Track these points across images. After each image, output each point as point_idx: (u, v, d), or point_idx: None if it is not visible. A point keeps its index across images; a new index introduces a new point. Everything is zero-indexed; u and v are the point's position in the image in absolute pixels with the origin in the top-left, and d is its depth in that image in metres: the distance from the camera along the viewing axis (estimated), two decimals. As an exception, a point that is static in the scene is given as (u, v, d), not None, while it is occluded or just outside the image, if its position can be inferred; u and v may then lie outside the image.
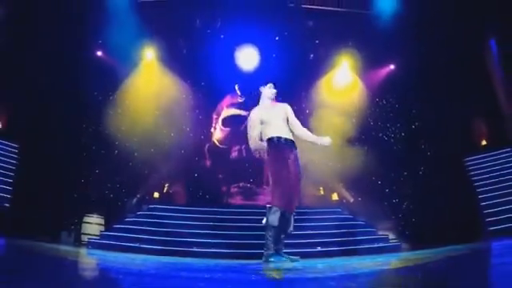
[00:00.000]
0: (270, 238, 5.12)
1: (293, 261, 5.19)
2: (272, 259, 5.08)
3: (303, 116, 11.09)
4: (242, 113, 11.79)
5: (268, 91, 5.63)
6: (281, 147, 5.31)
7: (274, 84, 5.67)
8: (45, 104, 9.52)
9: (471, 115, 10.88)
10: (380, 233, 9.58)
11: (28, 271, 3.50)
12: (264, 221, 5.21)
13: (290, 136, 5.40)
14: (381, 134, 11.16)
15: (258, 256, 6.88)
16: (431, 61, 10.58)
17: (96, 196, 9.92)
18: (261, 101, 5.64)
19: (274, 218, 5.09)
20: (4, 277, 3.07)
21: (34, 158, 9.19)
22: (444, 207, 9.19)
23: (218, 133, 12.29)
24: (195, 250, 7.78)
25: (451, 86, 10.38)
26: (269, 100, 5.61)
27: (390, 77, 11.85)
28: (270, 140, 5.36)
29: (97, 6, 10.08)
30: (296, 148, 5.40)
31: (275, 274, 4.26)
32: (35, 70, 9.51)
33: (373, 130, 11.15)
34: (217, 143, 12.21)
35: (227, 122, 12.24)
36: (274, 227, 5.12)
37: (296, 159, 5.36)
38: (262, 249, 5.19)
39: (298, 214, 5.67)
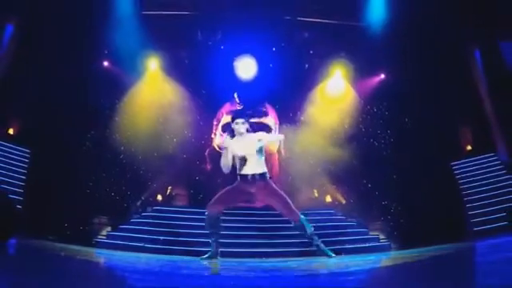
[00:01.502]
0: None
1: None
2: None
3: (298, 122, 11.19)
4: (241, 119, 11.79)
5: (237, 127, 5.35)
6: (243, 184, 5.37)
7: (246, 115, 5.54)
8: (54, 111, 9.51)
9: (458, 122, 10.94)
10: (371, 233, 9.60)
11: (38, 270, 3.51)
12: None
13: (258, 170, 5.32)
14: (371, 140, 11.18)
15: (257, 255, 6.90)
16: (420, 69, 10.63)
17: (103, 198, 9.90)
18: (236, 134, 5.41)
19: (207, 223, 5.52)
20: (14, 276, 3.07)
21: (44, 162, 9.19)
22: (431, 209, 9.20)
23: (217, 138, 12.26)
24: (196, 248, 7.77)
25: (439, 94, 10.43)
26: (240, 135, 5.35)
27: (381, 85, 11.86)
28: (240, 176, 5.39)
29: (103, 19, 10.14)
30: (266, 179, 5.35)
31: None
32: (45, 78, 9.53)
33: (364, 135, 11.16)
34: (217, 148, 12.19)
35: (226, 128, 12.23)
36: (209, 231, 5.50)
37: (267, 188, 5.38)
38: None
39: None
